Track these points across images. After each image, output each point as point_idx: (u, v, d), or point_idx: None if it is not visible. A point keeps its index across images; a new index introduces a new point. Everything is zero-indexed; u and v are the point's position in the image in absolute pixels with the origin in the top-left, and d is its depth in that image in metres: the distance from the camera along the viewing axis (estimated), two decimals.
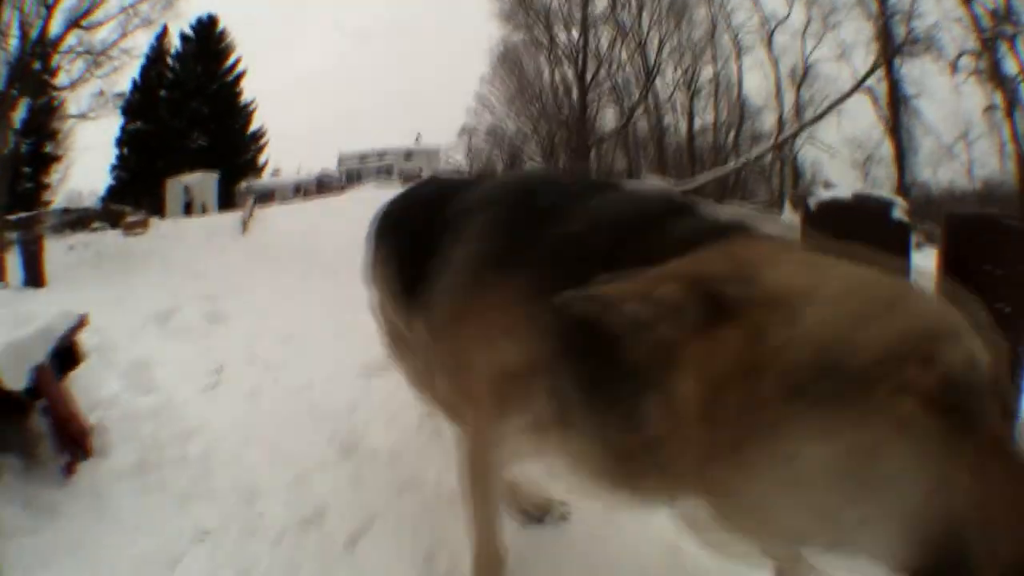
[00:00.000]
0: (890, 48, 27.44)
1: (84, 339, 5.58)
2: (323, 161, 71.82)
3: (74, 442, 3.93)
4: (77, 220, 22.98)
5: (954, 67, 26.22)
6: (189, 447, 4.16)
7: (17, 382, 3.58)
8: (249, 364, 6.07)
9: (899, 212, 3.58)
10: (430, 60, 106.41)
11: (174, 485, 3.79)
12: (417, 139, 63.48)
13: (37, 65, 15.63)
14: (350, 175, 55.39)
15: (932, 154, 29.42)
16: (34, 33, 15.85)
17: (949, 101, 28.06)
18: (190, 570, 3.03)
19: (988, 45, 25.28)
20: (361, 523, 3.27)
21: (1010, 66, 25.37)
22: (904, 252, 3.48)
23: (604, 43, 33.61)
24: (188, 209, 23.22)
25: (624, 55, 35.02)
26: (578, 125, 31.17)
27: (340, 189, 41.33)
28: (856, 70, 29.38)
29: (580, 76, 30.49)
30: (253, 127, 47.24)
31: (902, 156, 28.85)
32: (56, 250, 16.19)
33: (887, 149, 29.71)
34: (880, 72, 28.34)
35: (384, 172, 54.70)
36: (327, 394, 5.10)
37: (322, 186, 49.41)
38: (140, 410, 4.66)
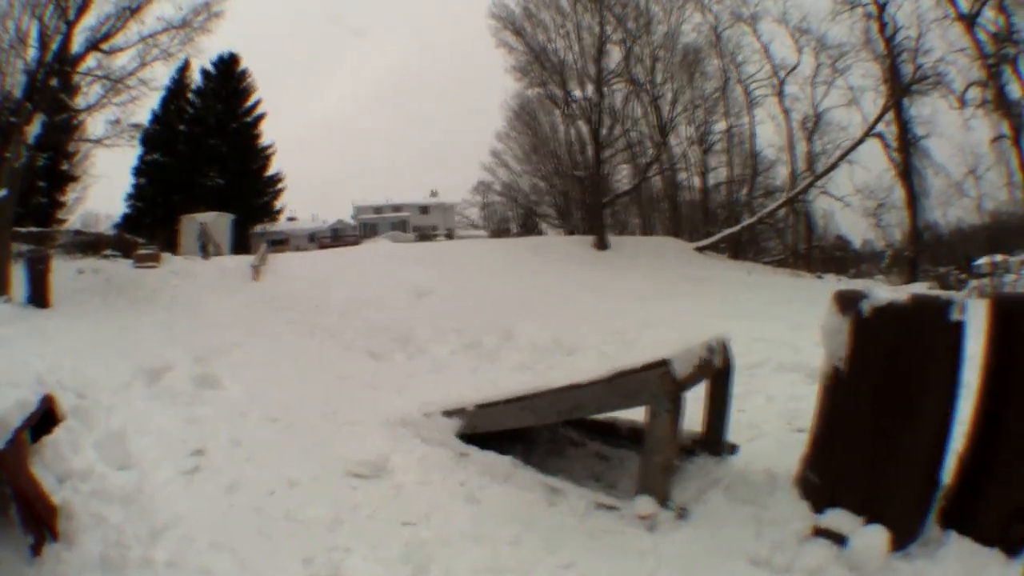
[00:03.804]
0: (898, 87, 27.71)
1: (63, 399, 5.50)
2: (338, 211, 73.07)
3: (40, 522, 3.78)
4: (89, 244, 22.88)
5: (962, 100, 26.52)
6: (157, 548, 3.96)
7: None
8: (233, 447, 5.84)
9: (956, 312, 3.66)
10: (446, 114, 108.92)
11: None
12: (433, 194, 64.51)
13: (55, 82, 15.82)
14: (365, 227, 56.13)
15: (942, 193, 29.90)
16: (54, 47, 15.93)
17: (958, 137, 29.14)
18: None
19: (993, 72, 25.38)
20: None
21: (1016, 91, 25.50)
22: (958, 348, 3.66)
23: (619, 99, 34.29)
24: (204, 249, 22.90)
25: (639, 111, 35.12)
26: (593, 182, 31.21)
27: (355, 240, 41.67)
28: (866, 114, 30.03)
29: (595, 133, 30.44)
30: (270, 171, 48.30)
31: (914, 200, 29.06)
32: (65, 271, 16.19)
33: (899, 194, 29.95)
34: (890, 115, 28.62)
35: (399, 226, 55.30)
36: (309, 498, 4.88)
37: (337, 236, 49.98)
38: (112, 490, 4.47)
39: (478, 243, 34.29)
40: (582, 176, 34.37)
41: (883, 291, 3.88)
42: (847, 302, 3.90)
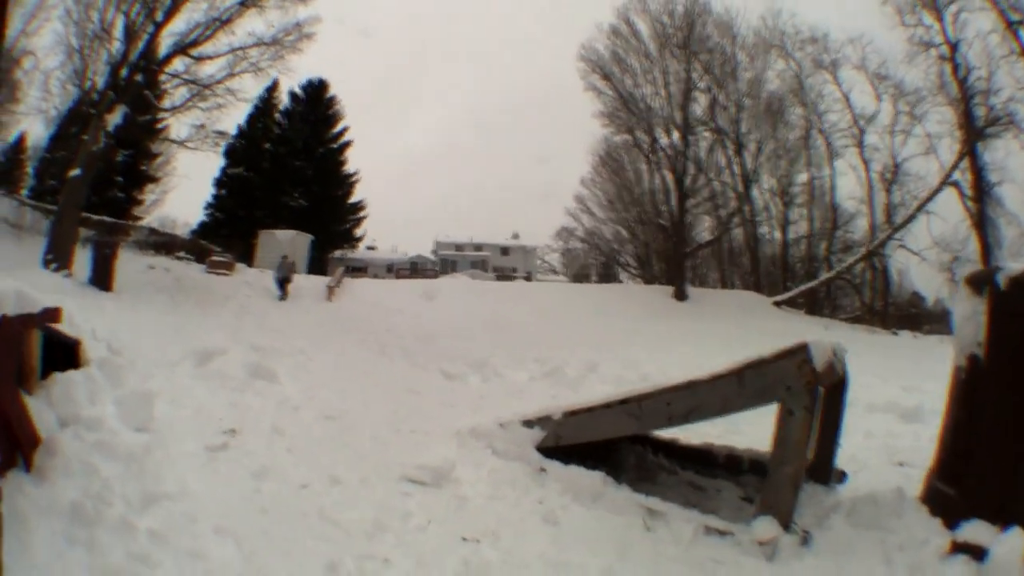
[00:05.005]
0: (973, 132, 27.62)
1: (92, 348, 4.80)
2: (418, 244, 73.48)
3: (14, 444, 3.14)
4: (162, 244, 23.31)
5: None
6: (144, 515, 3.14)
7: None
8: (273, 434, 5.05)
9: None
10: (532, 156, 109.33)
11: (104, 555, 2.80)
12: (514, 236, 64.16)
13: (139, 78, 16.30)
14: (445, 262, 55.98)
15: (1013, 244, 28.90)
16: (140, 44, 16.35)
17: None
18: None
19: None
20: None
21: None
22: None
23: (703, 148, 33.93)
24: (283, 286, 21.11)
25: (723, 160, 35.33)
26: (676, 232, 30.76)
27: (434, 275, 41.45)
28: (943, 162, 29.95)
29: (679, 182, 30.09)
30: (354, 198, 48.17)
31: (988, 253, 27.99)
32: (134, 264, 16.24)
33: (974, 246, 29.02)
34: (965, 162, 28.43)
35: (479, 265, 55.01)
36: (351, 499, 4.04)
37: (416, 269, 49.95)
38: (118, 446, 3.69)
39: (558, 286, 34.54)
40: (665, 225, 33.90)
41: (1015, 263, 3.74)
42: (981, 280, 3.74)
